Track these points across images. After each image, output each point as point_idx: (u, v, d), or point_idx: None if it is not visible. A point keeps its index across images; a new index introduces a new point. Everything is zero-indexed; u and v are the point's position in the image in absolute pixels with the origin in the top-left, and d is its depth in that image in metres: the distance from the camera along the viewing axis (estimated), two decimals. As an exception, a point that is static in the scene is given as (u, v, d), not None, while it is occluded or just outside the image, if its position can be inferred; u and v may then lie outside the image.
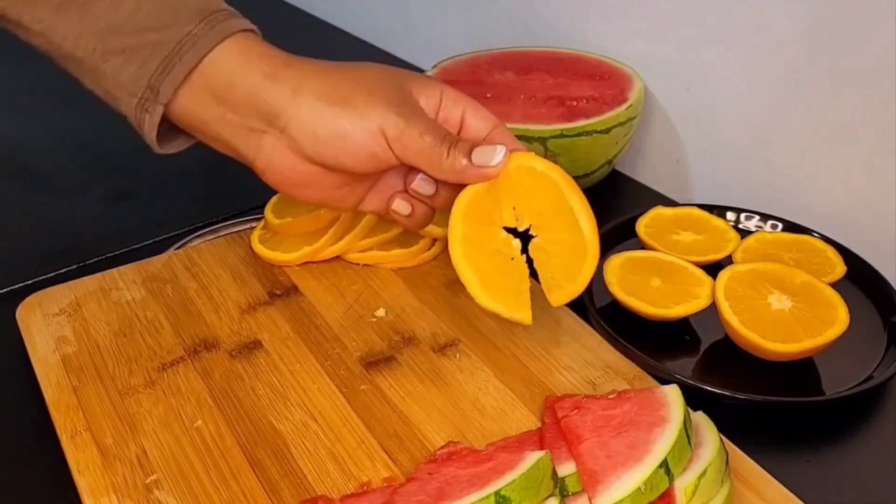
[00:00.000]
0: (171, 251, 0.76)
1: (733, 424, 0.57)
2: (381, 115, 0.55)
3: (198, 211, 0.85)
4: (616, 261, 0.71)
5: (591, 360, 0.64)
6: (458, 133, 0.60)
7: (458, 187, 0.59)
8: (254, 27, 0.59)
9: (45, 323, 0.66)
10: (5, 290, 0.74)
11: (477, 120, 0.59)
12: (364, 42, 1.30)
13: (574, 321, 0.68)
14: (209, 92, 0.55)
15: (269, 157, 0.58)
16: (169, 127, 0.59)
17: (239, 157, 0.60)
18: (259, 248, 0.73)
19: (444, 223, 0.73)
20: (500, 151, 0.56)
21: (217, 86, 0.55)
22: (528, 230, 0.60)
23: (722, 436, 0.53)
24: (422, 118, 0.56)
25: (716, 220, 0.78)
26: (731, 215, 0.80)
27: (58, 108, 1.08)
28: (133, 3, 0.54)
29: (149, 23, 0.54)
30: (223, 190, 0.91)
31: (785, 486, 0.54)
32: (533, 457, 0.49)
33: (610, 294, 0.70)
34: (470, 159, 0.56)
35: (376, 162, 0.57)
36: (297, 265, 0.73)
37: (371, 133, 0.55)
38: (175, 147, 0.60)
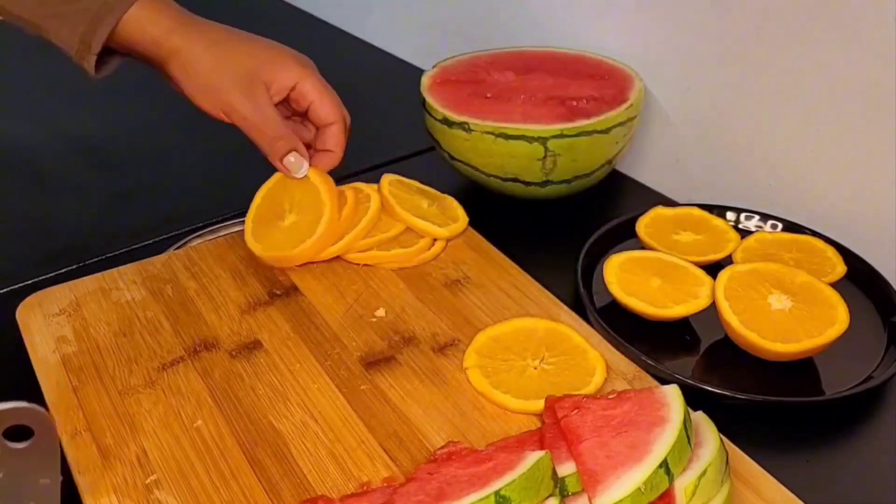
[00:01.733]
0: (171, 251, 0.76)
1: (733, 424, 0.57)
2: (223, 93, 0.70)
3: (198, 211, 0.85)
4: (616, 261, 0.71)
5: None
6: (305, 113, 0.73)
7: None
8: None
9: (45, 323, 0.66)
10: (5, 290, 0.74)
11: (321, 113, 0.72)
12: (364, 42, 1.30)
13: (572, 320, 0.68)
14: (126, 40, 0.70)
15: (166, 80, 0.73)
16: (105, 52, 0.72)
17: None
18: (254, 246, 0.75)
19: (445, 223, 0.73)
20: (304, 168, 0.72)
21: (131, 38, 0.70)
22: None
23: (722, 436, 0.53)
24: (253, 104, 0.70)
25: (716, 220, 0.78)
26: (731, 215, 0.81)
27: (58, 109, 1.09)
28: None
29: None
30: (223, 190, 0.91)
31: (785, 486, 0.54)
32: (533, 457, 0.49)
33: (610, 294, 0.70)
34: (281, 161, 0.72)
35: (228, 121, 0.71)
36: (298, 265, 0.73)
37: (214, 105, 0.71)
38: (108, 69, 0.72)
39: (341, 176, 0.81)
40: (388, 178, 0.77)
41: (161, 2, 0.71)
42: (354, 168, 0.75)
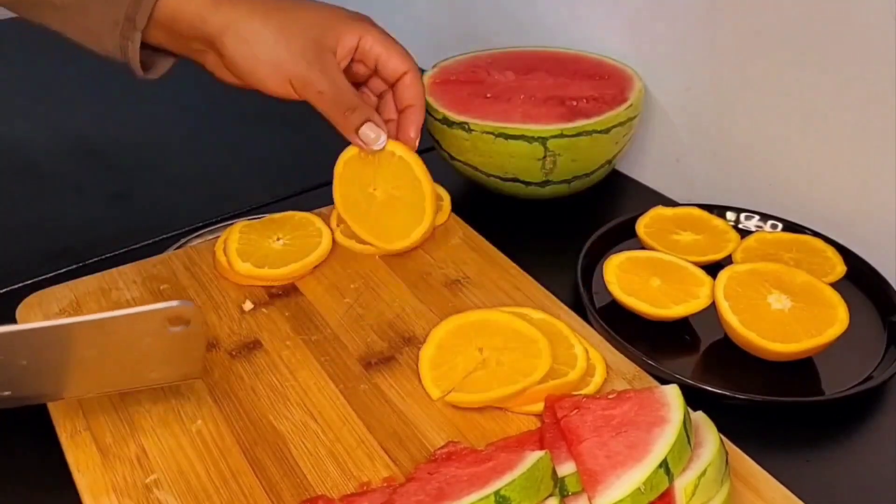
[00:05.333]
0: (170, 251, 0.76)
1: (733, 424, 0.57)
2: (291, 66, 0.65)
3: (198, 211, 0.85)
4: (616, 261, 0.71)
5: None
6: (375, 70, 0.71)
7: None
8: None
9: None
10: (5, 290, 0.74)
11: (391, 64, 0.69)
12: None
13: (572, 320, 0.68)
14: (170, 18, 0.66)
15: (213, 70, 0.69)
16: (147, 54, 0.68)
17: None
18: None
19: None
20: (381, 139, 0.68)
21: (175, 13, 0.65)
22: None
23: (722, 436, 0.53)
24: (326, 75, 0.66)
25: (716, 220, 0.78)
26: (730, 215, 0.81)
27: (58, 109, 1.09)
28: None
29: None
30: (223, 190, 0.91)
31: (785, 486, 0.54)
32: (533, 457, 0.49)
33: (609, 294, 0.70)
34: (357, 133, 0.68)
35: (295, 97, 0.67)
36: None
37: (280, 81, 0.66)
38: (156, 72, 0.69)
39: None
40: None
41: None
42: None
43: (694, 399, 0.57)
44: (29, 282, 0.74)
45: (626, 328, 0.67)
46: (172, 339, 0.55)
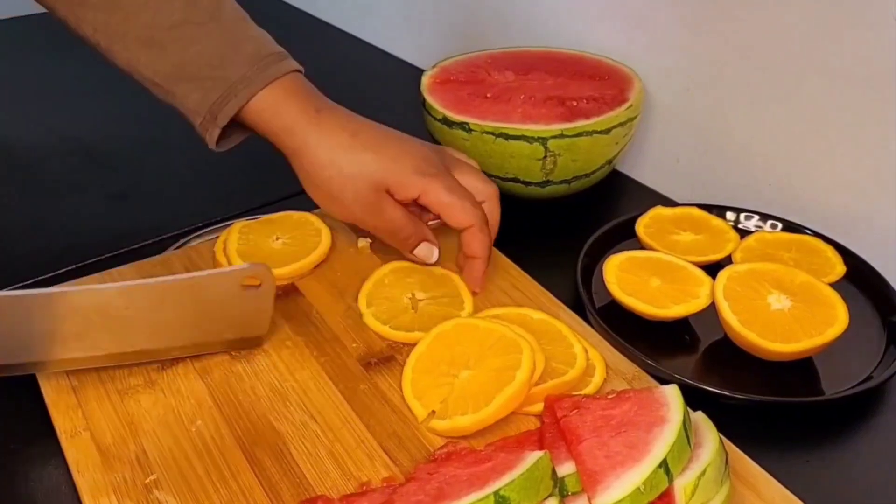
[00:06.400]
0: (170, 251, 0.76)
1: (733, 424, 0.57)
2: (348, 207, 0.68)
3: (198, 211, 0.85)
4: (615, 261, 0.71)
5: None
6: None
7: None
8: (300, 67, 0.69)
9: (44, 323, 0.66)
10: (5, 290, 0.74)
11: (451, 223, 0.68)
12: (364, 42, 1.30)
13: (572, 320, 0.68)
14: (254, 121, 0.68)
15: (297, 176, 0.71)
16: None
17: None
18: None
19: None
20: (434, 254, 0.71)
21: (259, 119, 0.68)
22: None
23: (721, 436, 0.53)
24: (381, 218, 0.68)
25: (715, 220, 0.78)
26: (730, 215, 0.81)
27: (58, 109, 1.09)
28: (202, 44, 0.66)
29: (213, 61, 0.66)
30: (222, 190, 0.91)
31: (785, 486, 0.54)
32: (532, 457, 0.49)
33: (609, 294, 0.70)
34: (412, 253, 0.71)
35: (357, 222, 0.69)
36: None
37: (338, 214, 0.69)
38: (230, 143, 0.71)
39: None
40: None
41: (295, 84, 0.68)
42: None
43: (694, 399, 0.57)
44: (29, 282, 0.74)
45: (625, 328, 0.67)
46: (245, 300, 0.61)
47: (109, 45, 0.67)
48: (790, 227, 0.78)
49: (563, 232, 0.84)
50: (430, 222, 0.72)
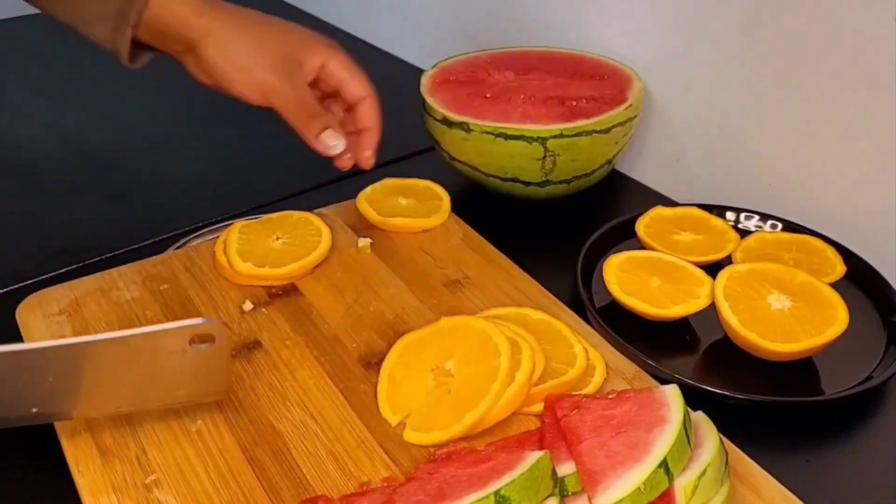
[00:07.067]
0: (170, 251, 0.76)
1: (733, 424, 0.57)
2: (261, 73, 0.70)
3: (198, 211, 0.85)
4: (616, 261, 0.71)
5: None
6: (336, 92, 0.75)
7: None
8: None
9: (44, 323, 0.66)
10: (5, 290, 0.74)
11: (351, 88, 0.74)
12: (364, 42, 1.30)
13: (572, 320, 0.68)
14: (157, 23, 0.70)
15: (190, 70, 0.73)
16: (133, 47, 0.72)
17: None
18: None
19: (427, 212, 0.77)
20: (339, 144, 0.72)
21: (162, 15, 0.70)
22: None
23: (722, 436, 0.53)
24: (292, 85, 0.71)
25: (715, 220, 0.78)
26: (730, 215, 0.81)
27: (57, 108, 1.09)
28: None
29: None
30: (222, 190, 0.91)
31: (785, 486, 0.54)
32: (533, 457, 0.49)
33: (609, 294, 0.70)
34: (317, 138, 0.72)
35: (262, 103, 0.71)
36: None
37: (251, 87, 0.71)
38: (139, 63, 0.73)
39: (341, 177, 0.81)
40: (368, 190, 0.81)
41: None
42: (355, 168, 0.75)
43: (694, 399, 0.57)
44: (29, 282, 0.74)
45: (625, 328, 0.67)
46: (197, 357, 0.54)
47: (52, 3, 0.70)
48: (790, 227, 0.78)
49: (563, 232, 0.84)
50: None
